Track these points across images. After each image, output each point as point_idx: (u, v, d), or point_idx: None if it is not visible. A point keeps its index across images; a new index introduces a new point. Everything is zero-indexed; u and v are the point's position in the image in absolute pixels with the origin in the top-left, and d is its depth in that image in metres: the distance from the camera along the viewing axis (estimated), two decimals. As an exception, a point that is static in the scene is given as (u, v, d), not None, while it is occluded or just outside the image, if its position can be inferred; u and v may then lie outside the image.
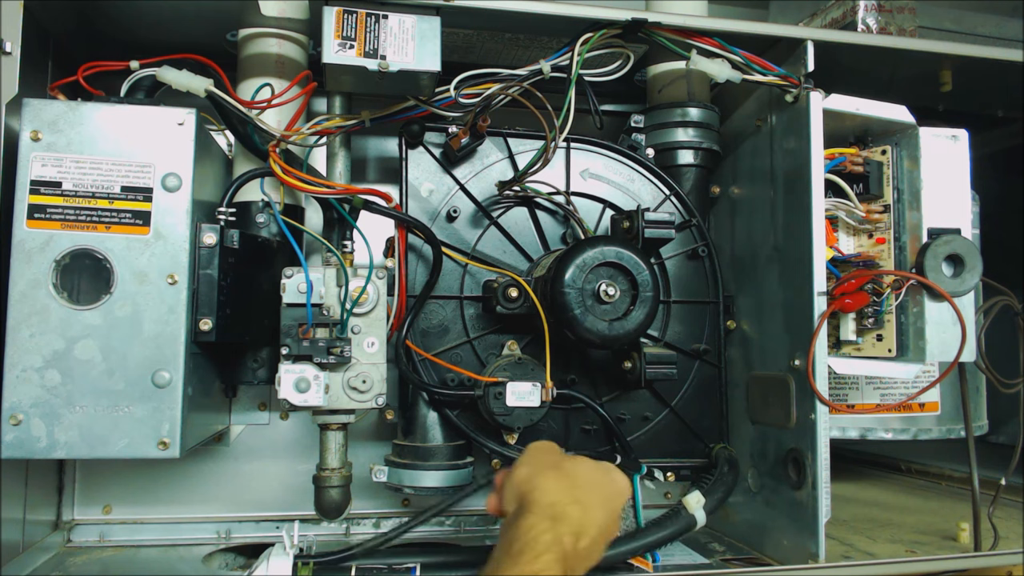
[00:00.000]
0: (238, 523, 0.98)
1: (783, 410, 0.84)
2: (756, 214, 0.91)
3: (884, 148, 0.86)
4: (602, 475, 0.65)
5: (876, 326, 0.85)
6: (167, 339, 0.68)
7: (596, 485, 0.63)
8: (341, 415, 0.78)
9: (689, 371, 0.92)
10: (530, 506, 0.58)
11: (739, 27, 0.83)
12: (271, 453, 1.00)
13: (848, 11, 1.05)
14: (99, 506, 0.96)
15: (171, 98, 0.74)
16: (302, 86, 0.77)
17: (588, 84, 0.82)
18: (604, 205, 0.92)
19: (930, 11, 1.21)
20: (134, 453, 0.67)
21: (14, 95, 0.69)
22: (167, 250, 0.69)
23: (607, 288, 0.76)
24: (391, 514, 1.02)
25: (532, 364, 0.82)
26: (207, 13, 0.84)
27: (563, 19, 0.80)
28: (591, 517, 0.59)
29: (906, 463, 1.34)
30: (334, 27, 0.73)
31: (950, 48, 0.90)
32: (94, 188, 0.68)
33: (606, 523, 0.61)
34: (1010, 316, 0.93)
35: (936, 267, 0.82)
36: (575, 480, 0.62)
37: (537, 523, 0.56)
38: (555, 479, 0.61)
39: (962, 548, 0.91)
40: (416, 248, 0.86)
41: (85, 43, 0.88)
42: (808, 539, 0.79)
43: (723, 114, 0.97)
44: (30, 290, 0.66)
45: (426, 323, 0.86)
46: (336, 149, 0.87)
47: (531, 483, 0.60)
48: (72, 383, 0.66)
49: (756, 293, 0.91)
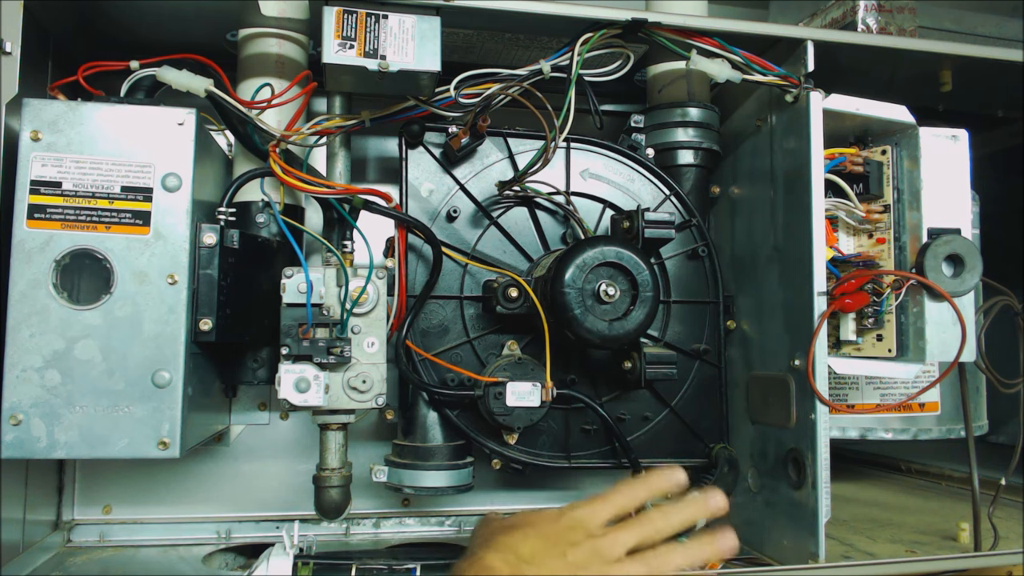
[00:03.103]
0: (238, 523, 0.98)
1: (783, 410, 0.84)
2: (756, 214, 0.91)
3: (884, 148, 0.86)
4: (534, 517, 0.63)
5: (876, 326, 0.85)
6: (167, 339, 0.68)
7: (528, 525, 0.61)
8: (341, 415, 0.78)
9: (689, 371, 0.92)
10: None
11: (739, 27, 0.83)
12: (271, 453, 1.00)
13: (848, 11, 1.05)
14: (99, 506, 0.96)
15: (171, 98, 0.74)
16: (302, 86, 0.77)
17: (588, 84, 0.82)
18: (604, 205, 0.92)
19: (930, 11, 1.21)
20: (134, 453, 0.67)
21: (14, 95, 0.69)
22: (167, 250, 0.69)
23: (607, 288, 0.76)
24: (391, 514, 1.02)
25: (532, 364, 0.82)
26: (207, 13, 0.84)
27: (563, 19, 0.80)
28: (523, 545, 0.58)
29: (906, 463, 1.34)
30: (334, 27, 0.73)
31: (950, 48, 0.90)
32: (94, 188, 0.68)
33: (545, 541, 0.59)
34: (1010, 316, 0.93)
35: (936, 267, 0.82)
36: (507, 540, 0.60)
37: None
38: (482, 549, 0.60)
39: (962, 548, 0.91)
40: (416, 248, 0.86)
41: (85, 43, 0.88)
42: (808, 539, 0.79)
43: (723, 114, 0.97)
44: (30, 290, 0.66)
45: (426, 323, 0.86)
46: (336, 149, 0.87)
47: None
48: (72, 383, 0.66)
49: (756, 293, 0.91)
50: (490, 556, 0.57)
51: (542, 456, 0.88)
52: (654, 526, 0.61)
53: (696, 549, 0.61)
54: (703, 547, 0.61)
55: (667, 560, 0.59)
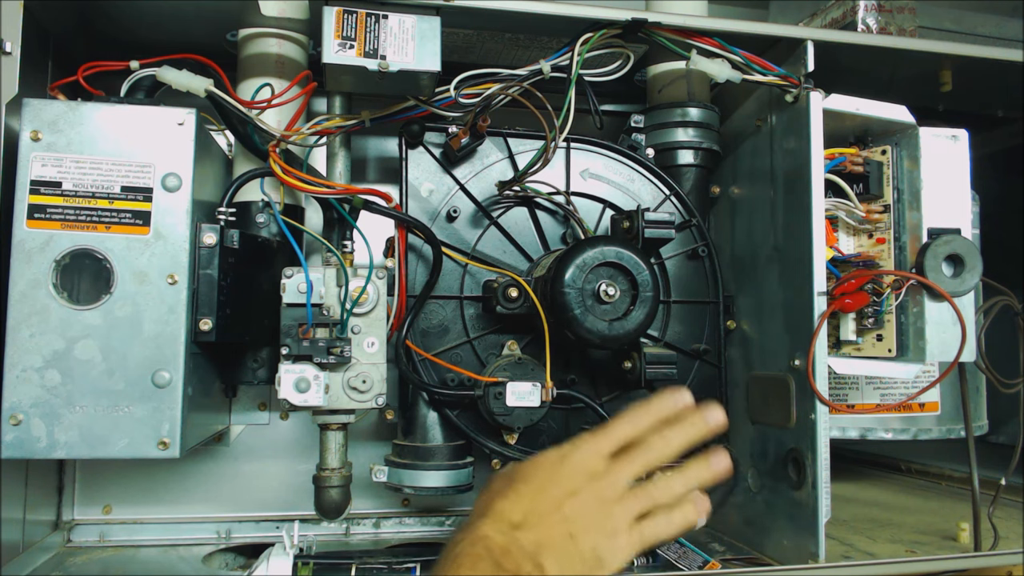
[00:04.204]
0: (238, 523, 0.98)
1: (783, 410, 0.84)
2: (756, 214, 0.91)
3: (884, 148, 0.86)
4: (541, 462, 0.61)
5: (876, 326, 0.85)
6: (167, 339, 0.68)
7: (532, 476, 0.59)
8: (341, 415, 0.78)
9: (689, 371, 0.92)
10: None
11: (739, 27, 0.83)
12: (271, 453, 1.00)
13: (848, 11, 1.05)
14: (99, 506, 0.96)
15: (171, 98, 0.74)
16: (302, 86, 0.77)
17: (588, 84, 0.82)
18: (604, 205, 0.92)
19: (930, 11, 1.21)
20: (134, 453, 0.67)
21: (14, 95, 0.69)
22: (167, 250, 0.69)
23: (607, 288, 0.76)
24: (391, 514, 1.02)
25: (532, 364, 0.82)
26: (207, 13, 0.84)
27: (563, 19, 0.80)
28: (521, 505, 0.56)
29: (906, 463, 1.34)
30: (334, 27, 0.73)
31: (950, 48, 0.90)
32: (94, 188, 0.68)
33: (551, 498, 0.57)
34: (1010, 316, 0.93)
35: (936, 267, 0.82)
36: (512, 484, 0.59)
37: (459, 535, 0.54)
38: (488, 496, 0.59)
39: (962, 548, 0.91)
40: (416, 248, 0.86)
41: (85, 43, 0.88)
42: (808, 539, 0.79)
43: (723, 114, 0.97)
44: (30, 290, 0.66)
45: (426, 323, 0.86)
46: (336, 149, 0.87)
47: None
48: (72, 383, 0.66)
49: (756, 293, 0.91)
50: (485, 525, 0.55)
51: (542, 456, 0.88)
52: (656, 453, 0.60)
53: (694, 473, 0.61)
54: (700, 470, 0.61)
55: (668, 488, 0.59)
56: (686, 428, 0.61)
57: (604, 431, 0.61)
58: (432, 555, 0.83)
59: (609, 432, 0.61)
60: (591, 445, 0.60)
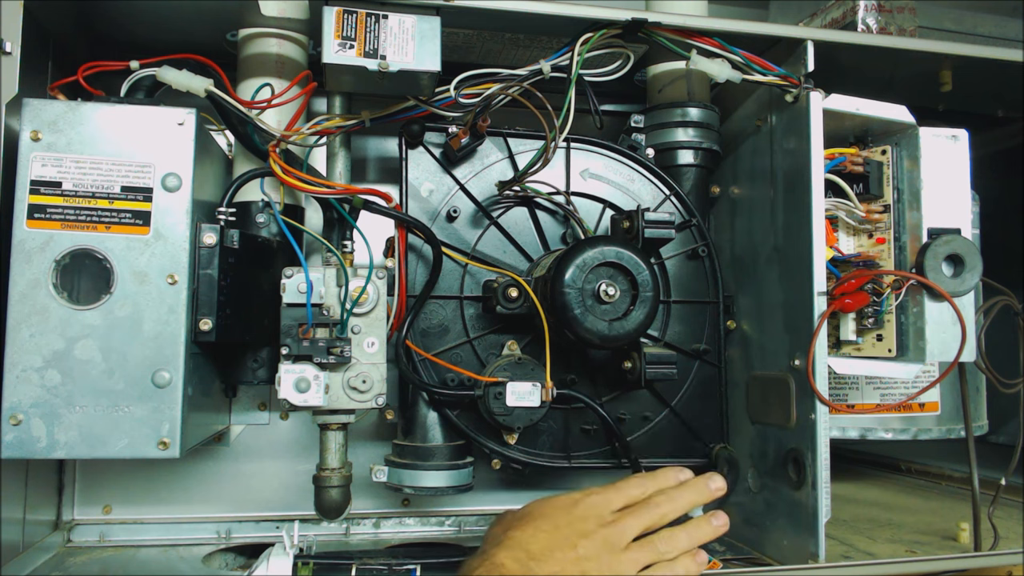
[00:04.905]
0: (238, 523, 0.98)
1: (783, 410, 0.84)
2: (756, 214, 0.91)
3: (884, 148, 0.86)
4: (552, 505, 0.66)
5: (876, 326, 0.85)
6: (167, 339, 0.68)
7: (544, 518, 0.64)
8: (341, 415, 0.78)
9: (689, 371, 0.92)
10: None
11: (739, 27, 0.83)
12: (271, 453, 1.00)
13: (848, 11, 1.05)
14: (99, 506, 0.96)
15: (171, 98, 0.74)
16: (302, 86, 0.77)
17: (588, 84, 0.82)
18: (604, 205, 0.92)
19: (930, 11, 1.21)
20: (134, 453, 0.67)
21: (14, 95, 0.69)
22: (167, 250, 0.69)
23: (607, 288, 0.76)
24: (391, 514, 1.02)
25: (532, 364, 0.82)
26: (207, 13, 0.84)
27: (563, 19, 0.80)
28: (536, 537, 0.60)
29: (906, 463, 1.34)
30: (334, 27, 0.73)
31: (950, 48, 0.90)
32: (94, 188, 0.68)
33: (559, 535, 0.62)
34: (1010, 316, 0.93)
35: (936, 267, 0.82)
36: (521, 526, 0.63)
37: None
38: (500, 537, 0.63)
39: (962, 548, 0.91)
40: (416, 248, 0.86)
41: (85, 43, 0.89)
42: (808, 539, 0.79)
43: (723, 114, 0.97)
44: (30, 290, 0.66)
45: (426, 323, 0.86)
46: (336, 149, 0.87)
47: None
48: (72, 383, 0.66)
49: (756, 293, 0.91)
50: (501, 554, 0.58)
51: (542, 456, 0.88)
52: (660, 511, 0.66)
53: (696, 530, 0.67)
54: (702, 527, 0.67)
55: (673, 543, 0.65)
56: (689, 491, 0.69)
57: (614, 487, 0.68)
58: (432, 555, 0.83)
59: (619, 489, 0.67)
60: (602, 496, 0.66)
